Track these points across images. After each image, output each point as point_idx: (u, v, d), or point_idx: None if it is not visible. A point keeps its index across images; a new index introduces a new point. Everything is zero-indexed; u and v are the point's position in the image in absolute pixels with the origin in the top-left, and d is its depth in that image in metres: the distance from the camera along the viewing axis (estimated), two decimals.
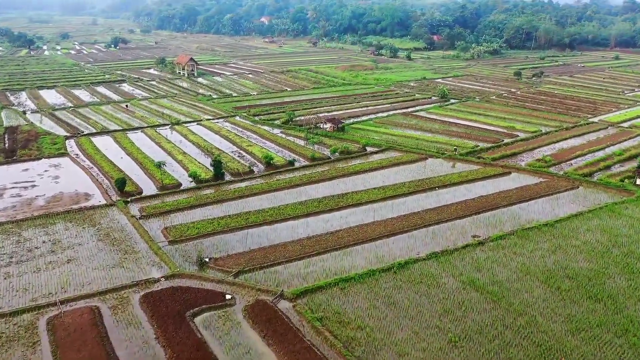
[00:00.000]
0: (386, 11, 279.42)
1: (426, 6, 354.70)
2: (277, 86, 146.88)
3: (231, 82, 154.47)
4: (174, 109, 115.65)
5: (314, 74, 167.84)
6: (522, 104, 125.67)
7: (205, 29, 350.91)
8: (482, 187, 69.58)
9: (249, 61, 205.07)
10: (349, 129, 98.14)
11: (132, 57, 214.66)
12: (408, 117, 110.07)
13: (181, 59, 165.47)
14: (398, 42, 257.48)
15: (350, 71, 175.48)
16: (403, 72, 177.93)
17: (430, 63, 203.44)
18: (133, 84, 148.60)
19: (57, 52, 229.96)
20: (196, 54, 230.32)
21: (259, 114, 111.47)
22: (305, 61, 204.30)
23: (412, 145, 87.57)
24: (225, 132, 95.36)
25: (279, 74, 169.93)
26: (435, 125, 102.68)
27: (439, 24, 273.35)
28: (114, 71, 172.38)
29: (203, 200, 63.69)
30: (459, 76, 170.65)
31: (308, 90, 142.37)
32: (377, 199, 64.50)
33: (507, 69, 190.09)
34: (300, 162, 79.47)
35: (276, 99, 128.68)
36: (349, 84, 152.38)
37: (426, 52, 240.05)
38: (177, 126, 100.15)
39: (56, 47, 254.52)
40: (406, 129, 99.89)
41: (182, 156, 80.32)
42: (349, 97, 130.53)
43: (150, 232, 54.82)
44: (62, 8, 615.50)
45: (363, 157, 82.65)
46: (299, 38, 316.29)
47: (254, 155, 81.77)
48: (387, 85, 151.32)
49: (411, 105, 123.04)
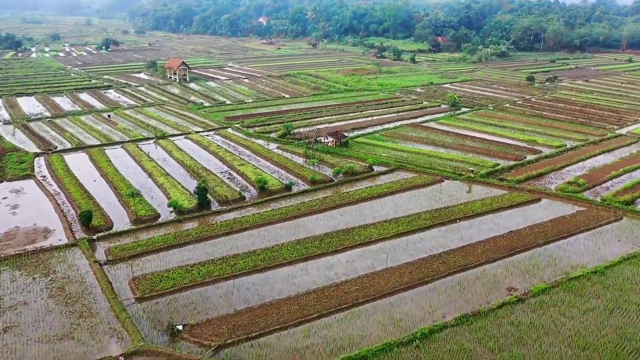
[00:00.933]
0: (388, 12, 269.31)
1: (429, 6, 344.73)
2: (274, 92, 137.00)
3: (225, 87, 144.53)
4: (161, 119, 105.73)
5: (313, 78, 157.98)
6: (540, 112, 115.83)
7: (202, 29, 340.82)
8: (509, 218, 59.73)
9: (245, 64, 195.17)
10: (352, 143, 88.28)
11: (123, 60, 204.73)
12: (417, 128, 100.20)
13: (172, 63, 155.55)
14: (401, 43, 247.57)
15: (352, 75, 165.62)
16: (408, 76, 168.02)
17: (435, 66, 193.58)
18: (120, 90, 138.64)
19: (45, 55, 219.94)
20: (191, 56, 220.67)
21: (253, 125, 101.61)
22: (305, 64, 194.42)
23: (424, 164, 77.74)
24: (215, 148, 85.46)
25: (277, 78, 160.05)
26: (447, 138, 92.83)
27: (443, 25, 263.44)
28: (102, 75, 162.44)
29: (183, 237, 53.77)
30: (468, 81, 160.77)
31: (307, 97, 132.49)
32: (389, 235, 54.62)
33: (518, 72, 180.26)
34: (298, 185, 69.61)
35: (273, 107, 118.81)
36: (351, 89, 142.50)
37: (431, 54, 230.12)
38: (162, 140, 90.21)
39: (45, 49, 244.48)
40: (416, 143, 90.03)
41: (164, 178, 70.41)
42: (352, 106, 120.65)
43: (115, 283, 44.98)
44: (57, 8, 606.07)
45: (370, 178, 72.75)
46: (298, 39, 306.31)
47: (246, 177, 71.87)
48: (392, 91, 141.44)
49: (419, 114, 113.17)
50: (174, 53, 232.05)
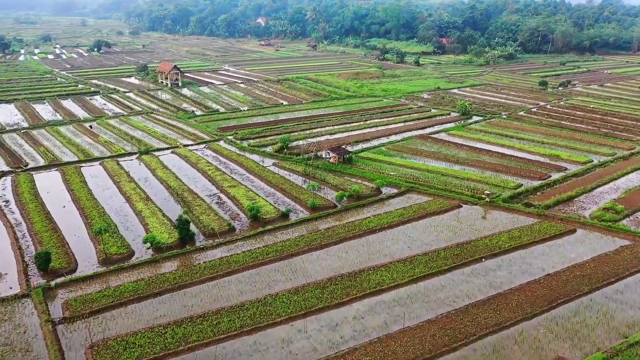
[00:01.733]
0: (390, 12, 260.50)
1: (431, 6, 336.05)
2: (271, 99, 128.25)
3: (219, 93, 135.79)
4: (147, 130, 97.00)
5: (313, 83, 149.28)
6: (558, 122, 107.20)
7: (198, 30, 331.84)
8: (543, 256, 51.05)
9: (242, 67, 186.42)
10: (357, 159, 79.61)
11: (115, 63, 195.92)
12: (427, 141, 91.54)
13: (163, 67, 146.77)
14: (404, 45, 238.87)
15: (354, 80, 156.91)
16: (413, 80, 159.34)
17: (441, 69, 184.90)
18: (106, 96, 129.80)
19: (34, 57, 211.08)
20: (185, 58, 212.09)
21: (248, 137, 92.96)
22: (304, 67, 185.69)
23: (437, 184, 69.10)
24: (205, 165, 76.72)
25: (274, 83, 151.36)
26: (461, 152, 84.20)
27: (448, 26, 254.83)
28: (90, 80, 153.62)
29: (158, 284, 45.05)
30: (477, 85, 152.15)
31: (307, 104, 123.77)
32: (404, 281, 45.98)
33: (528, 76, 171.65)
34: (296, 212, 60.93)
35: (270, 116, 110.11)
36: (353, 95, 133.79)
37: (435, 56, 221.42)
38: (145, 156, 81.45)
39: (35, 50, 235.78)
40: (427, 158, 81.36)
41: (143, 204, 61.72)
42: (355, 114, 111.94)
43: (68, 353, 36.32)
44: (53, 8, 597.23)
45: (378, 203, 64.06)
46: (297, 40, 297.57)
47: (237, 201, 63.19)
48: (397, 97, 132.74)
49: (428, 124, 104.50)
50: (168, 55, 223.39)
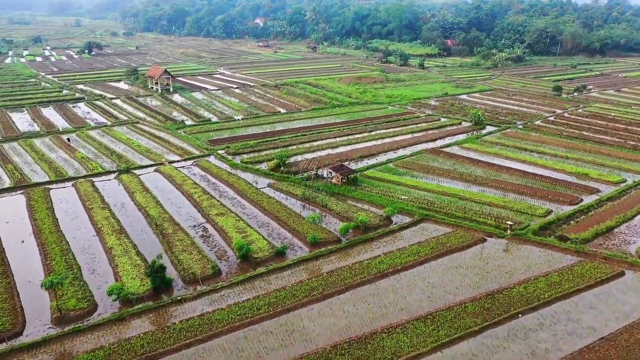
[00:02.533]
0: (393, 12, 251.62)
1: (434, 6, 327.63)
2: (268, 106, 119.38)
3: (213, 100, 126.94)
4: (131, 143, 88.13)
5: (313, 88, 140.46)
6: (579, 133, 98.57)
7: (195, 31, 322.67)
8: (592, 311, 42.26)
9: (238, 70, 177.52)
10: (362, 179, 70.88)
11: (105, 66, 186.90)
12: (439, 156, 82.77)
13: (153, 71, 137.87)
14: (407, 47, 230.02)
15: (356, 84, 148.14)
16: (418, 85, 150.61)
17: (447, 73, 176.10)
18: (91, 103, 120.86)
19: (21, 60, 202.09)
20: (179, 61, 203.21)
21: (241, 151, 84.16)
22: (303, 70, 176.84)
23: (455, 211, 60.41)
24: (191, 187, 67.91)
25: (272, 88, 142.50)
26: (478, 170, 75.49)
27: (452, 27, 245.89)
28: (76, 85, 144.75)
29: (120, 355, 36.27)
30: (487, 91, 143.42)
31: (306, 112, 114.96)
32: (426, 349, 37.20)
33: (539, 80, 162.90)
34: (294, 248, 52.17)
35: (266, 126, 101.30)
36: (356, 102, 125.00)
37: (440, 59, 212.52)
38: (125, 175, 72.65)
39: (23, 52, 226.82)
40: (441, 177, 72.63)
41: (115, 238, 52.91)
42: (358, 124, 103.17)
43: None
44: (49, 8, 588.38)
45: (389, 236, 55.30)
46: (296, 42, 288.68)
47: (225, 234, 54.41)
48: (403, 104, 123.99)
49: (438, 135, 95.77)
50: (162, 57, 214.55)
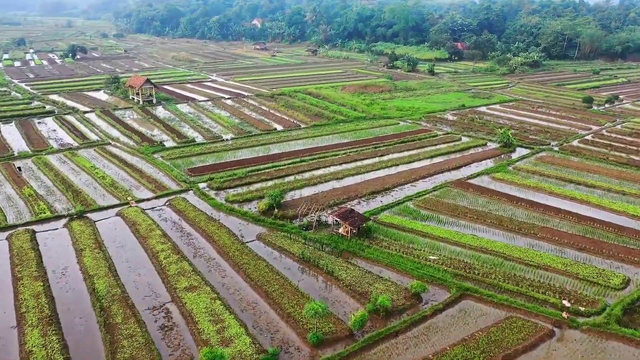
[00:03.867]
0: (398, 13, 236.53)
1: (440, 7, 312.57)
2: (262, 122, 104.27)
3: (200, 113, 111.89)
4: (95, 174, 73.02)
5: (313, 99, 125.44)
6: (627, 156, 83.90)
7: (189, 33, 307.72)
8: None
9: (232, 77, 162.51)
10: (377, 227, 55.99)
11: (87, 72, 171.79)
12: (468, 190, 67.85)
13: (134, 80, 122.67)
14: (414, 50, 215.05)
15: (362, 94, 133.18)
16: (431, 95, 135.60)
17: (460, 80, 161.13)
18: (60, 118, 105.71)
19: None
20: (169, 65, 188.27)
21: (227, 185, 69.18)
22: (303, 77, 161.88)
23: (503, 280, 45.69)
24: (157, 242, 52.83)
25: (268, 99, 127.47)
26: (519, 211, 60.69)
27: (461, 29, 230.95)
28: (50, 94, 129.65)
29: None
30: (508, 102, 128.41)
31: (306, 129, 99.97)
32: None
33: (562, 89, 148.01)
34: (289, 349, 37.22)
35: (259, 148, 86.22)
36: (362, 116, 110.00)
37: (451, 63, 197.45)
38: (78, 222, 57.64)
39: (4, 56, 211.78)
40: (474, 223, 57.82)
41: (40, 333, 37.86)
42: (367, 145, 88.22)
43: None
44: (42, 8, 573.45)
45: (419, 325, 40.31)
46: (295, 44, 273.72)
47: (193, 325, 39.40)
48: (416, 118, 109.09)
49: (462, 161, 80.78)
50: (151, 62, 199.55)
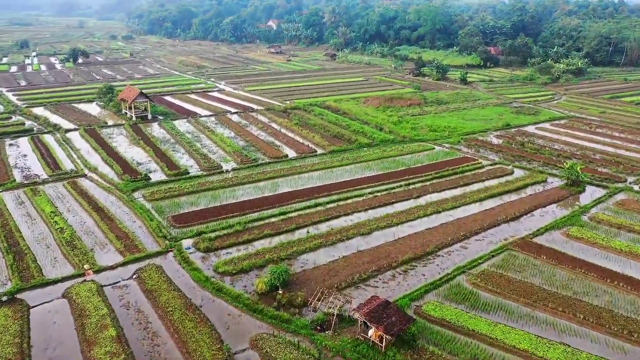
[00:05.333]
0: (424, 14, 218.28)
1: (468, 7, 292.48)
2: (272, 146, 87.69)
3: (199, 133, 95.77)
4: (53, 223, 57.10)
5: (332, 115, 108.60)
6: None
7: (201, 34, 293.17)
8: None
9: (241, 85, 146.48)
10: (422, 326, 39.00)
11: (85, 79, 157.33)
12: (539, 257, 50.51)
13: (127, 93, 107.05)
14: (442, 55, 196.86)
15: (387, 108, 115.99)
16: (467, 110, 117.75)
17: (497, 90, 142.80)
18: (37, 140, 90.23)
19: None
20: (175, 72, 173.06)
21: (218, 243, 52.80)
22: (320, 87, 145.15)
23: None
24: (104, 354, 36.56)
25: (280, 114, 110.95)
26: (619, 299, 43.21)
27: (494, 32, 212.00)
28: (35, 107, 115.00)
29: None
30: (559, 120, 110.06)
31: (323, 156, 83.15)
32: None
33: (617, 102, 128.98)
34: None
35: (264, 184, 69.61)
36: (390, 139, 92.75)
37: (486, 70, 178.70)
38: (7, 309, 41.74)
39: (3, 59, 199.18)
40: (560, 318, 40.55)
41: None
42: (398, 180, 71.04)
43: None
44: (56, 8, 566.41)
45: None
46: (312, 47, 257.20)
47: None
48: (454, 142, 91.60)
49: (521, 207, 63.15)
50: (156, 67, 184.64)
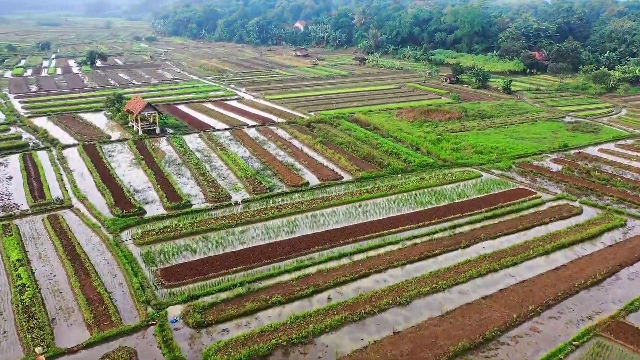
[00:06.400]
0: (462, 16, 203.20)
1: (507, 7, 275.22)
2: (290, 170, 75.47)
3: (212, 152, 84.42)
4: (14, 279, 46.15)
5: (361, 131, 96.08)
6: None
7: (227, 36, 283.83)
8: None
9: (262, 93, 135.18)
10: None
11: (100, 84, 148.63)
12: (638, 351, 37.04)
13: (133, 104, 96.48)
14: (481, 60, 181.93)
15: (424, 123, 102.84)
16: (514, 124, 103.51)
17: (547, 101, 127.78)
18: (29, 158, 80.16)
19: (6, 74, 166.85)
20: (194, 77, 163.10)
21: (214, 316, 40.84)
22: (349, 96, 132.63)
23: None
24: None
25: (302, 129, 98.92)
26: None
27: (537, 35, 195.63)
28: (38, 117, 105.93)
29: None
30: (623, 139, 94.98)
31: (349, 184, 70.53)
32: None
33: None
34: None
35: (278, 225, 57.45)
36: (428, 162, 79.45)
37: (529, 77, 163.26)
38: None
39: (21, 62, 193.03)
40: None
41: None
42: (440, 220, 57.79)
43: None
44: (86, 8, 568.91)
45: None
46: (341, 50, 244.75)
47: None
48: (504, 167, 77.87)
49: (603, 267, 49.27)
50: (174, 72, 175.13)
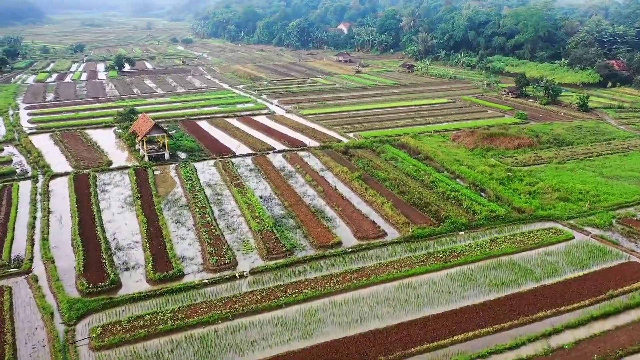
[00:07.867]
0: (525, 19, 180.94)
1: (572, 9, 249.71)
2: (319, 221, 58.74)
3: (224, 188, 68.84)
4: None
5: (410, 161, 78.47)
6: None
7: (266, 38, 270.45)
8: None
9: (296, 107, 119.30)
10: None
11: (120, 93, 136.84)
12: None
13: (140, 124, 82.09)
14: (547, 69, 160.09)
15: (486, 150, 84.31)
16: (602, 156, 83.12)
17: (633, 122, 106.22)
18: (6, 192, 67.23)
19: (29, 78, 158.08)
20: (224, 85, 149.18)
21: None
22: (394, 112, 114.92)
23: None
24: None
25: (338, 157, 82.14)
26: None
27: (613, 40, 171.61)
28: (41, 133, 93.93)
29: None
30: None
31: (395, 245, 53.14)
32: None
33: None
34: None
35: (293, 319, 41.06)
36: (497, 213, 60.89)
37: (608, 91, 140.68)
38: None
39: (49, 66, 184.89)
40: None
41: None
42: (526, 320, 39.73)
43: None
44: (132, 9, 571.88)
45: None
46: (387, 55, 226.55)
47: None
48: (602, 224, 58.59)
49: None
50: (204, 78, 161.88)
